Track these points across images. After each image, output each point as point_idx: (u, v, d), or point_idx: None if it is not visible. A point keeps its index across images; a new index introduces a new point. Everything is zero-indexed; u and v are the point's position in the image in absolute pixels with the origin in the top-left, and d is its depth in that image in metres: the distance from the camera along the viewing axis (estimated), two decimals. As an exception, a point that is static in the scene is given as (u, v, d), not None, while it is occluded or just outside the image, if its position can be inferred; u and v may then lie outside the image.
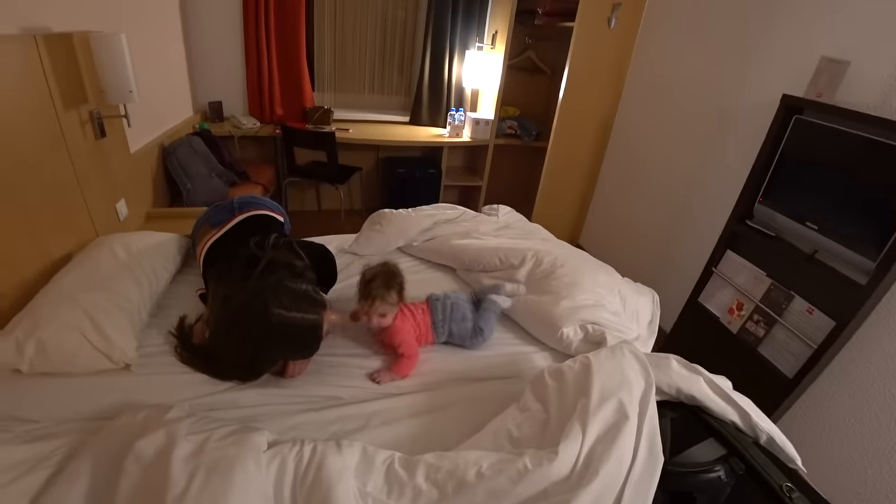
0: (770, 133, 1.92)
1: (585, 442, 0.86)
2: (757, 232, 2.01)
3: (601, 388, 0.96)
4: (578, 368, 1.05)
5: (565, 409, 0.97)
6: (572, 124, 3.21)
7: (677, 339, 2.41)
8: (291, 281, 1.21)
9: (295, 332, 1.16)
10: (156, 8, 2.55)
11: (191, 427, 0.87)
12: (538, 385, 1.09)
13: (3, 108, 1.29)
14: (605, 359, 1.06)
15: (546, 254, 1.68)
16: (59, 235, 1.52)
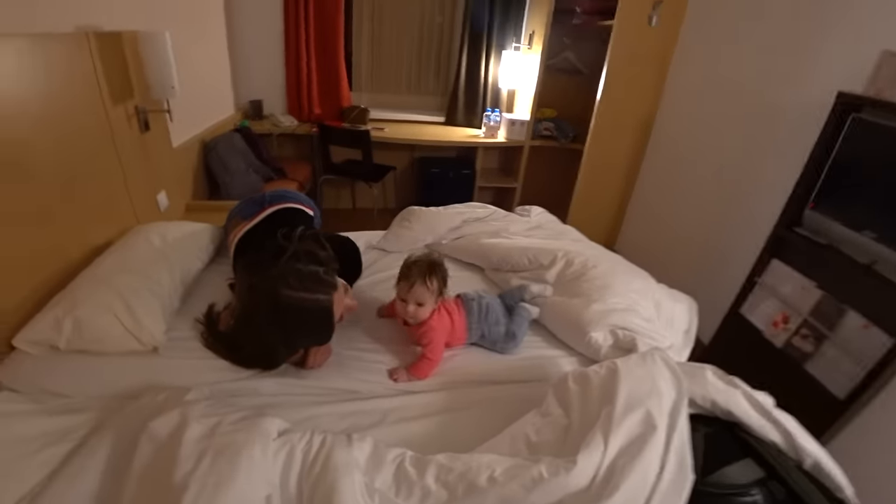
0: (824, 133, 1.78)
1: (608, 453, 0.81)
2: (806, 240, 1.86)
3: (628, 396, 0.90)
4: (605, 374, 0.99)
5: (588, 416, 0.92)
6: (610, 125, 3.11)
7: (716, 351, 2.28)
8: (304, 265, 1.21)
9: (303, 314, 1.15)
10: (202, 11, 2.66)
11: (205, 410, 0.88)
12: (561, 389, 1.04)
13: (56, 101, 1.36)
14: (635, 365, 1.00)
15: (577, 255, 1.62)
16: (103, 223, 1.58)
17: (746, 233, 2.32)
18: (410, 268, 1.28)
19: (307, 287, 1.16)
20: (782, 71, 2.16)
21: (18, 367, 1.13)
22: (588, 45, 3.58)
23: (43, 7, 1.40)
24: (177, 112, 2.04)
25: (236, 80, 3.16)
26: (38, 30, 1.33)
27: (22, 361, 1.14)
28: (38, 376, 1.12)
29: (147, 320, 1.21)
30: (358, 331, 1.44)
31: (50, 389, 1.09)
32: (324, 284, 1.19)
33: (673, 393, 0.95)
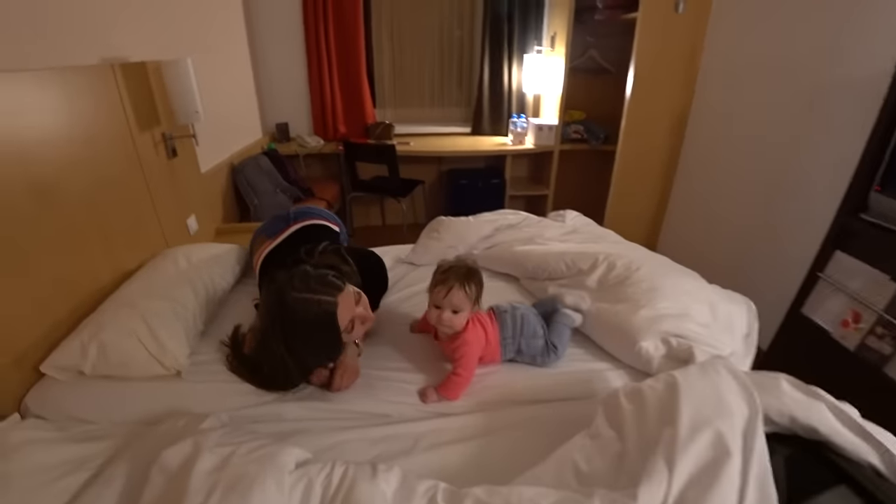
0: (886, 106, 1.58)
1: (673, 484, 0.68)
2: (875, 227, 1.64)
3: (693, 415, 0.77)
4: (662, 389, 0.86)
5: (646, 439, 0.79)
6: (643, 122, 2.96)
7: (776, 357, 2.05)
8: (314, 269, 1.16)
9: (305, 316, 1.09)
10: (226, 40, 2.74)
11: (220, 439, 0.82)
12: (612, 408, 0.92)
13: (84, 131, 1.39)
14: (696, 377, 0.87)
15: (619, 257, 1.49)
16: (133, 248, 1.59)
17: (803, 223, 2.12)
18: (447, 272, 1.19)
19: (311, 288, 1.10)
20: (830, 44, 1.97)
21: (46, 393, 1.13)
22: (612, 41, 3.44)
23: (69, 41, 1.43)
24: (204, 138, 2.07)
25: (262, 104, 3.23)
26: (65, 63, 1.37)
27: (49, 387, 1.14)
28: (64, 402, 1.11)
29: (170, 344, 1.18)
30: (387, 349, 1.37)
31: (76, 416, 1.08)
32: (329, 286, 1.13)
33: (745, 409, 0.81)
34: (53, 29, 1.37)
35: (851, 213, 1.73)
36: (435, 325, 1.21)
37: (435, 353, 1.33)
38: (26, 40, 1.27)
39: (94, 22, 1.54)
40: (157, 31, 1.91)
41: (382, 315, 1.51)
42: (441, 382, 1.20)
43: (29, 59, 1.26)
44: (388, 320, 1.49)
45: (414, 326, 1.45)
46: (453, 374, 1.19)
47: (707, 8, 2.67)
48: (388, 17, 3.41)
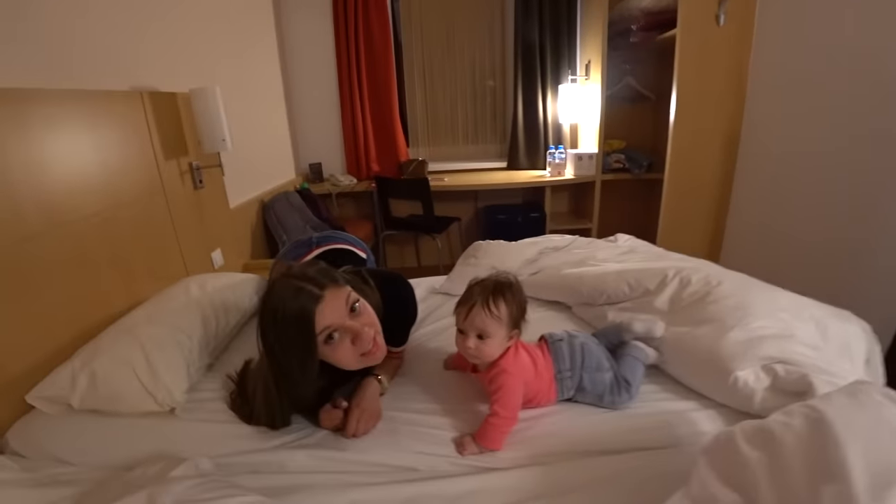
0: None
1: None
2: None
3: (867, 463, 0.51)
4: (802, 427, 0.60)
5: (793, 501, 0.53)
6: (690, 145, 2.73)
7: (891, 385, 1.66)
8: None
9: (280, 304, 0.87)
10: (261, 84, 2.79)
11: (183, 493, 0.62)
12: (724, 458, 0.65)
13: (106, 154, 1.35)
14: (849, 408, 0.60)
15: (694, 271, 1.23)
16: (152, 278, 1.50)
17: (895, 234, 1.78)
18: (472, 288, 0.99)
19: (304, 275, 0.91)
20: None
21: (29, 427, 0.99)
22: (649, 66, 3.32)
23: (101, 67, 1.42)
24: (235, 175, 2.03)
25: (296, 144, 3.26)
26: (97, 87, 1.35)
27: (34, 422, 1.00)
28: (46, 439, 0.96)
29: (167, 376, 1.02)
30: (416, 388, 1.14)
31: (57, 455, 0.93)
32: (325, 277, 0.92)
33: None
34: (85, 54, 1.35)
35: None
36: (462, 353, 1.00)
37: (474, 393, 1.10)
38: (57, 62, 1.25)
39: (128, 52, 1.54)
40: (193, 68, 1.92)
41: (412, 351, 1.30)
42: (479, 429, 0.95)
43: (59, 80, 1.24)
44: (418, 357, 1.29)
45: (448, 362, 1.23)
46: (490, 415, 0.94)
47: (750, 15, 2.48)
48: (420, 57, 3.44)
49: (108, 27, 1.44)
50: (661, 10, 2.74)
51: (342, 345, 0.92)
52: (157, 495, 0.60)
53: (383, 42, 3.16)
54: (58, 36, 1.25)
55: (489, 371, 0.98)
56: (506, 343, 0.98)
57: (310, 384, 0.95)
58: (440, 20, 3.37)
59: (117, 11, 1.48)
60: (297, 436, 0.99)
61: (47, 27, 1.21)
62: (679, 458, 0.88)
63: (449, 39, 3.42)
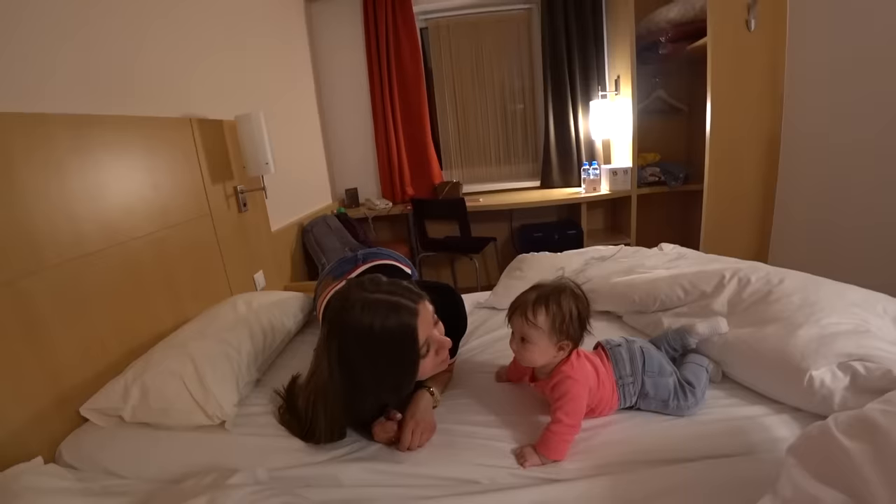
0: None
1: None
2: None
3: None
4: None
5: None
6: (728, 153, 2.64)
7: None
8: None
9: (378, 322, 0.85)
10: (298, 113, 2.91)
11: (244, 498, 0.60)
12: (819, 453, 0.59)
13: (159, 178, 1.41)
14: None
15: (752, 270, 1.17)
16: (198, 298, 1.53)
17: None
18: (527, 292, 0.98)
19: (386, 290, 0.90)
20: None
21: (82, 440, 1.00)
22: (679, 78, 3.30)
23: (154, 96, 1.51)
24: (275, 199, 2.10)
25: (332, 171, 3.36)
26: (151, 114, 1.43)
27: (86, 434, 1.01)
28: (97, 452, 0.97)
29: (217, 389, 1.02)
30: (470, 402, 1.11)
31: (107, 467, 0.93)
32: (408, 291, 0.91)
33: None
34: (141, 83, 1.44)
35: None
36: (520, 360, 0.97)
37: (531, 404, 1.06)
38: (116, 91, 1.33)
39: (180, 81, 1.64)
40: (237, 98, 2.03)
41: (461, 365, 1.28)
42: (539, 438, 0.91)
43: (116, 107, 1.31)
44: (467, 370, 1.26)
45: (501, 375, 1.20)
46: (553, 422, 0.90)
47: (782, 17, 2.43)
48: (450, 81, 3.51)
49: (162, 58, 1.53)
50: (689, 21, 2.72)
51: (429, 356, 0.93)
52: (218, 499, 0.59)
53: (414, 70, 3.25)
54: (116, 65, 1.33)
55: (552, 378, 0.95)
56: (552, 352, 0.95)
57: (389, 397, 0.95)
58: (469, 45, 3.45)
59: (170, 43, 1.58)
60: (349, 449, 0.97)
61: (104, 56, 1.28)
62: (755, 465, 0.83)
63: (478, 63, 3.49)
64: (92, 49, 1.24)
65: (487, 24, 3.43)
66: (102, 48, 1.28)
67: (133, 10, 1.40)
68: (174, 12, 1.61)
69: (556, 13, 3.19)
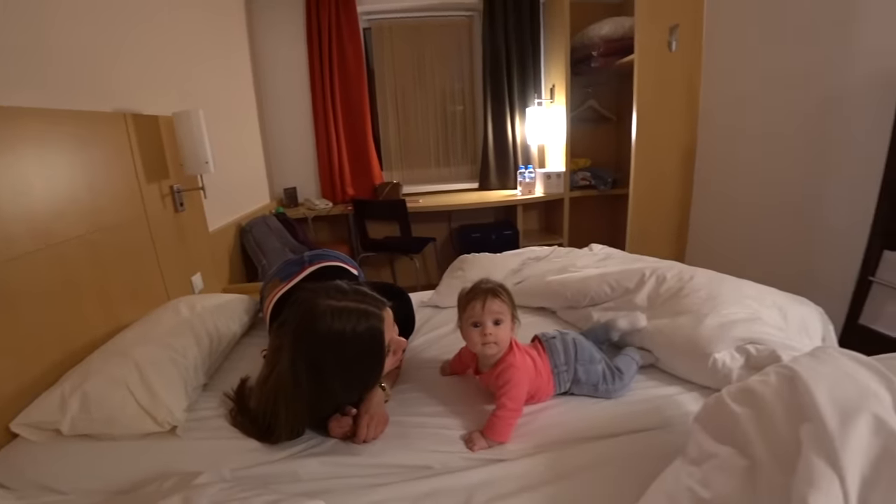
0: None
1: (849, 487, 0.49)
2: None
3: (833, 402, 0.59)
4: (778, 382, 0.68)
5: (780, 444, 0.60)
6: (651, 161, 2.93)
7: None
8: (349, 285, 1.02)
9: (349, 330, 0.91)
10: (236, 108, 2.82)
11: (217, 495, 0.63)
12: (716, 419, 0.73)
13: (90, 176, 1.34)
14: (814, 364, 0.69)
15: (668, 268, 1.34)
16: (133, 302, 1.47)
17: (841, 229, 1.99)
18: (474, 289, 1.06)
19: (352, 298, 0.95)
20: (829, 53, 1.97)
21: (13, 457, 0.94)
22: (609, 90, 3.57)
23: (85, 89, 1.42)
24: (213, 200, 2.04)
25: (270, 169, 3.27)
26: (81, 108, 1.35)
27: (18, 451, 0.95)
28: (33, 468, 0.92)
29: (166, 395, 1.01)
30: (419, 394, 1.18)
31: (45, 484, 0.88)
32: (372, 298, 0.98)
33: (886, 394, 0.63)
34: (69, 73, 1.35)
35: (893, 207, 1.65)
36: (478, 348, 1.05)
37: (475, 394, 1.15)
38: (39, 81, 1.24)
39: (110, 73, 1.55)
40: (172, 92, 1.94)
41: (408, 361, 1.34)
42: (486, 424, 1.00)
43: (43, 99, 1.23)
44: (415, 366, 1.33)
45: (445, 369, 1.28)
46: (498, 408, 1.00)
47: (699, 43, 2.74)
48: (392, 82, 3.54)
49: (90, 49, 1.44)
50: (619, 38, 2.97)
51: (388, 356, 0.99)
52: (192, 498, 0.61)
53: (357, 69, 3.25)
54: (37, 53, 1.24)
55: (495, 368, 1.04)
56: (510, 330, 1.05)
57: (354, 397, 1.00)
58: (411, 47, 3.50)
59: (101, 35, 1.49)
60: (306, 445, 1.00)
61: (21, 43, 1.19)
62: (670, 436, 0.96)
63: (420, 66, 3.56)
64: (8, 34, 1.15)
65: (430, 29, 3.50)
66: (22, 34, 1.19)
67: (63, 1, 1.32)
68: (104, 3, 1.52)
69: (496, 23, 3.33)
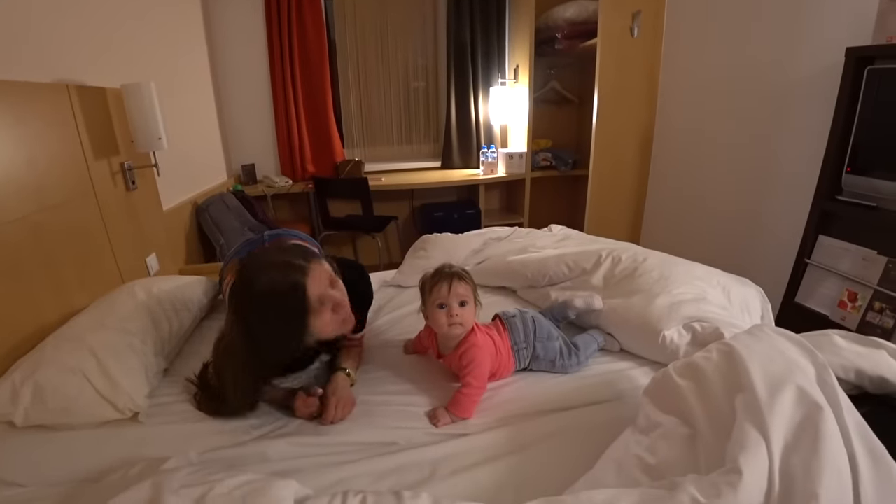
0: (842, 93, 1.71)
1: (773, 448, 0.56)
2: (852, 206, 1.72)
3: (764, 375, 0.66)
4: (718, 358, 0.75)
5: (717, 413, 0.67)
6: (611, 143, 3.02)
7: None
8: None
9: (268, 283, 0.92)
10: (190, 80, 2.66)
11: (187, 479, 0.64)
12: (662, 392, 0.80)
13: (30, 152, 1.25)
14: (750, 341, 0.77)
15: (623, 250, 1.41)
16: (84, 285, 1.40)
17: (783, 215, 2.16)
18: (438, 273, 1.09)
19: (279, 254, 0.98)
20: (779, 46, 2.10)
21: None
22: (572, 72, 3.62)
23: (22, 57, 1.31)
24: (167, 177, 1.94)
25: (227, 145, 3.13)
26: (17, 78, 1.24)
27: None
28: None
29: (125, 382, 0.99)
30: (384, 373, 1.21)
31: (2, 478, 0.84)
32: (301, 254, 0.99)
33: (810, 367, 0.71)
34: (5, 43, 1.25)
35: (828, 197, 1.81)
36: (444, 329, 1.07)
37: (438, 372, 1.19)
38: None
39: (51, 42, 1.43)
40: (120, 63, 1.81)
41: (372, 341, 1.36)
42: (450, 400, 1.04)
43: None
44: (378, 346, 1.35)
45: (408, 347, 1.31)
46: (464, 386, 1.04)
47: (660, 30, 2.82)
48: (354, 56, 3.44)
49: (23, 9, 1.32)
50: (583, 21, 3.00)
51: (326, 313, 0.97)
52: (163, 482, 0.61)
53: (317, 40, 3.12)
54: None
55: (458, 349, 1.08)
56: (474, 313, 1.09)
57: (292, 353, 1.01)
58: (374, 20, 3.40)
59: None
60: (272, 427, 1.01)
61: None
62: (622, 408, 1.03)
63: (382, 40, 3.47)
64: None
65: (394, 1, 3.40)
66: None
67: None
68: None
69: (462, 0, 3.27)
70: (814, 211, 1.86)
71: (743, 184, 2.38)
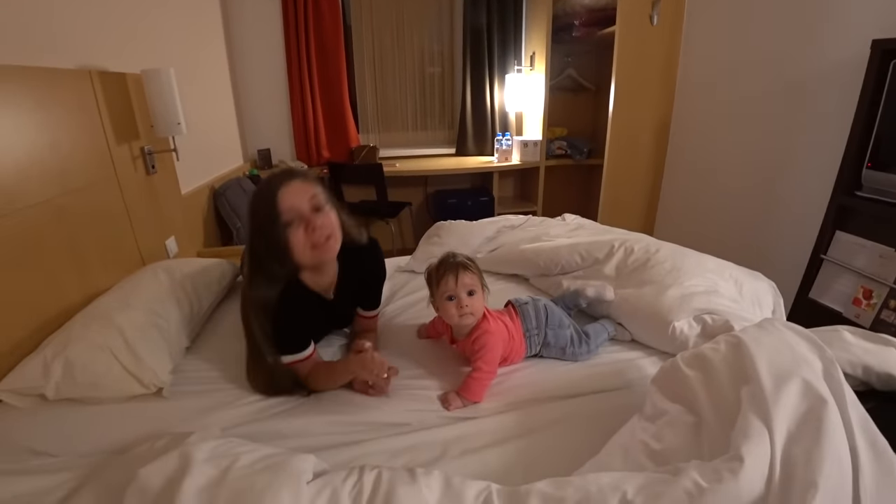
0: (866, 87, 1.66)
1: (776, 439, 0.57)
2: (871, 202, 1.68)
3: (771, 369, 0.67)
4: (726, 349, 0.76)
5: (723, 403, 0.68)
6: (627, 133, 2.99)
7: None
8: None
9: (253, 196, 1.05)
10: (207, 66, 2.69)
11: (213, 450, 0.68)
12: (671, 381, 0.81)
13: (54, 137, 1.28)
14: (758, 334, 0.78)
15: (636, 241, 1.42)
16: (107, 267, 1.44)
17: (800, 209, 2.13)
18: (443, 265, 1.11)
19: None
20: (800, 37, 2.04)
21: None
22: (589, 60, 3.57)
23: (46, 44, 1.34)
24: (185, 162, 1.98)
25: (243, 130, 3.16)
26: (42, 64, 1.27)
27: (3, 416, 0.96)
28: (19, 433, 0.93)
29: (150, 359, 1.04)
30: (397, 358, 1.21)
31: (33, 448, 0.89)
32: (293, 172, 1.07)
33: (817, 361, 0.72)
34: (29, 30, 1.27)
35: (847, 192, 1.78)
36: (455, 319, 1.09)
37: (450, 356, 1.21)
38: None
39: (74, 30, 1.46)
40: (140, 50, 1.84)
41: (385, 325, 1.40)
42: (462, 384, 1.07)
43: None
44: (392, 330, 1.38)
45: (422, 332, 1.34)
46: (475, 370, 1.07)
47: (680, 18, 2.76)
48: (370, 42, 3.43)
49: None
50: (601, 8, 2.95)
51: (297, 232, 1.00)
52: (191, 453, 0.65)
53: (333, 25, 3.12)
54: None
55: (471, 335, 1.10)
56: (483, 300, 1.10)
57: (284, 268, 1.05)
58: (390, 5, 3.38)
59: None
60: (290, 405, 1.05)
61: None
62: (631, 396, 1.05)
63: (398, 26, 3.45)
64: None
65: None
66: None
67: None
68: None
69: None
70: (832, 206, 1.83)
71: (760, 176, 2.34)
